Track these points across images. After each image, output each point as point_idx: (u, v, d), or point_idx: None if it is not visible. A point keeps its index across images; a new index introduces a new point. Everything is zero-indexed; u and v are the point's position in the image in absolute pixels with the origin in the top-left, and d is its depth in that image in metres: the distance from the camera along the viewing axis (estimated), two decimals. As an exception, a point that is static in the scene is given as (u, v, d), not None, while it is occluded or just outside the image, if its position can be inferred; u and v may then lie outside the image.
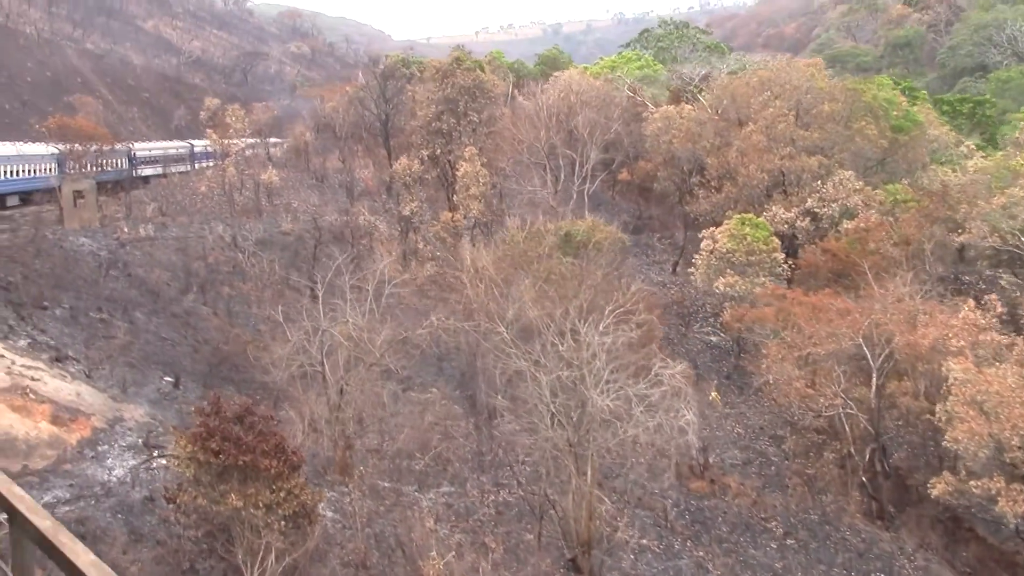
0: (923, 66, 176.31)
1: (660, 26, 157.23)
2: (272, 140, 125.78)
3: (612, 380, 40.00)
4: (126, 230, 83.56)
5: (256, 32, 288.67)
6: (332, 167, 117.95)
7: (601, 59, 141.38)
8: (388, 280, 59.29)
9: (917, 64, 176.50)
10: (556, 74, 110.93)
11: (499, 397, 52.11)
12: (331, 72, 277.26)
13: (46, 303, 65.33)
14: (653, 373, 40.10)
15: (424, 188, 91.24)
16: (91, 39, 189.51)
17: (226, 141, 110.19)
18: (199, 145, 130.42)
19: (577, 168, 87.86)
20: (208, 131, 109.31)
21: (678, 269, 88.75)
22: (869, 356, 51.23)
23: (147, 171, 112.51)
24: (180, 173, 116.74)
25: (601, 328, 41.44)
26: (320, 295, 56.43)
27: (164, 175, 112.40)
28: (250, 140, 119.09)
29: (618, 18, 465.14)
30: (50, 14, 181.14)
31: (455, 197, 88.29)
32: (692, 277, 75.42)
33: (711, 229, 71.82)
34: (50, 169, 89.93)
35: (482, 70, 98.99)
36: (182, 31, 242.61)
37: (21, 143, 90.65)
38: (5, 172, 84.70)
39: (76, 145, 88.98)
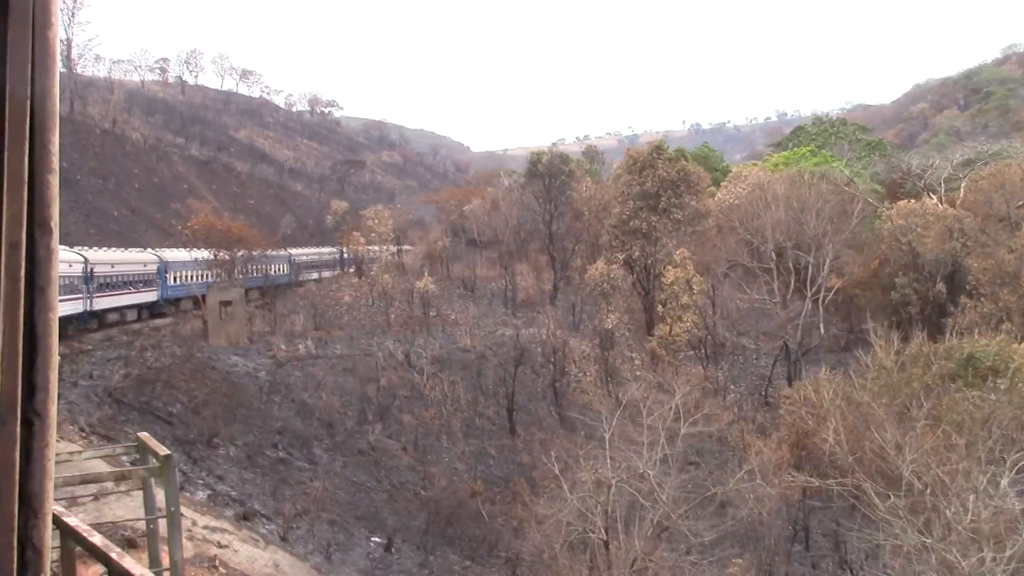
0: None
1: (813, 124, 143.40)
2: (400, 247, 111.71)
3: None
4: (283, 347, 69.01)
5: (345, 142, 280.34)
6: (481, 275, 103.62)
7: (770, 156, 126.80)
8: (681, 415, 43.92)
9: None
10: (737, 170, 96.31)
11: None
12: (423, 181, 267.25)
13: (216, 439, 50.51)
14: None
15: (619, 296, 76.06)
16: (193, 146, 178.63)
17: (370, 248, 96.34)
18: (328, 251, 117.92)
19: (810, 273, 72.25)
20: (355, 235, 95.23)
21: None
22: None
23: (305, 276, 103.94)
24: (313, 281, 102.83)
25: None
26: (608, 436, 40.91)
27: (319, 280, 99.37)
28: (374, 247, 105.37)
29: (694, 128, 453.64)
30: (148, 123, 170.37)
31: (660, 307, 73.09)
32: None
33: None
34: (203, 276, 77.31)
35: (686, 159, 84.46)
36: (274, 141, 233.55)
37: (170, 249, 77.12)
38: (180, 278, 76.53)
39: (226, 251, 75.22)
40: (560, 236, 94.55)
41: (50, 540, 1.55)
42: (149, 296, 74.06)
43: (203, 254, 78.83)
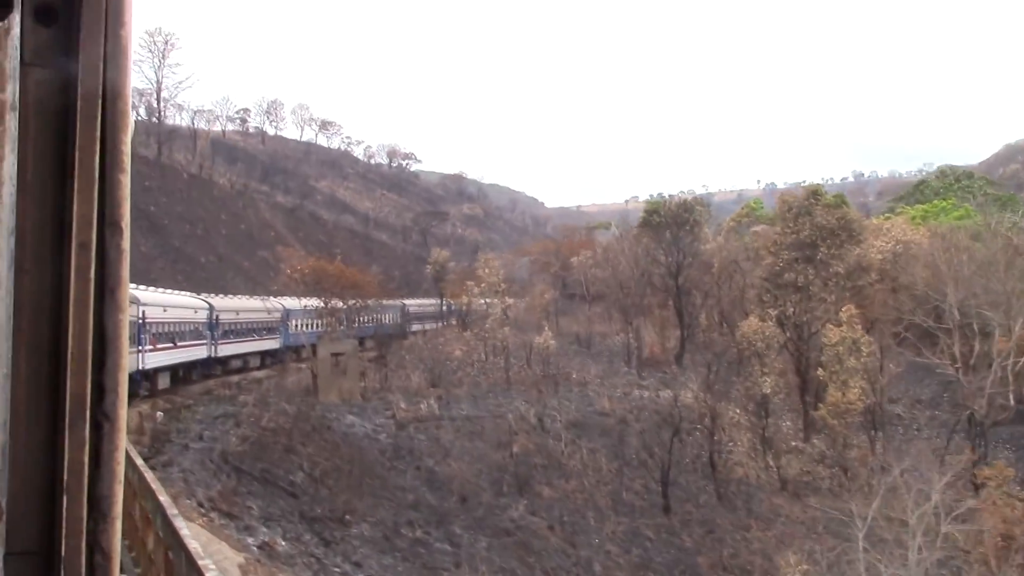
0: None
1: (938, 178, 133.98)
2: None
3: None
4: (404, 407, 60.77)
5: (424, 194, 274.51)
6: (595, 331, 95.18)
7: (904, 209, 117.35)
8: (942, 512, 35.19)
9: None
10: (877, 223, 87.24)
11: None
12: (503, 234, 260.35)
13: (348, 516, 42.06)
14: None
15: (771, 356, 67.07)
16: (278, 194, 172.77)
17: (479, 300, 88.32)
18: (430, 302, 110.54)
19: (996, 335, 62.88)
20: (468, 284, 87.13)
21: None
22: None
23: (416, 327, 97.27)
24: (415, 333, 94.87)
25: None
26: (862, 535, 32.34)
27: (425, 331, 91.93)
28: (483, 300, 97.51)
29: (769, 187, 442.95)
30: (232, 171, 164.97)
31: (820, 371, 64.06)
32: None
33: None
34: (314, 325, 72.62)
35: (846, 205, 75.59)
36: (354, 192, 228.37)
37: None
38: (300, 326, 71.87)
39: (338, 299, 67.57)
40: (686, 290, 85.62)
41: (119, 545, 1.62)
42: (272, 344, 70.07)
43: (312, 302, 71.27)
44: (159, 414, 47.91)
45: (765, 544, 54.55)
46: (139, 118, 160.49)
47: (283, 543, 37.63)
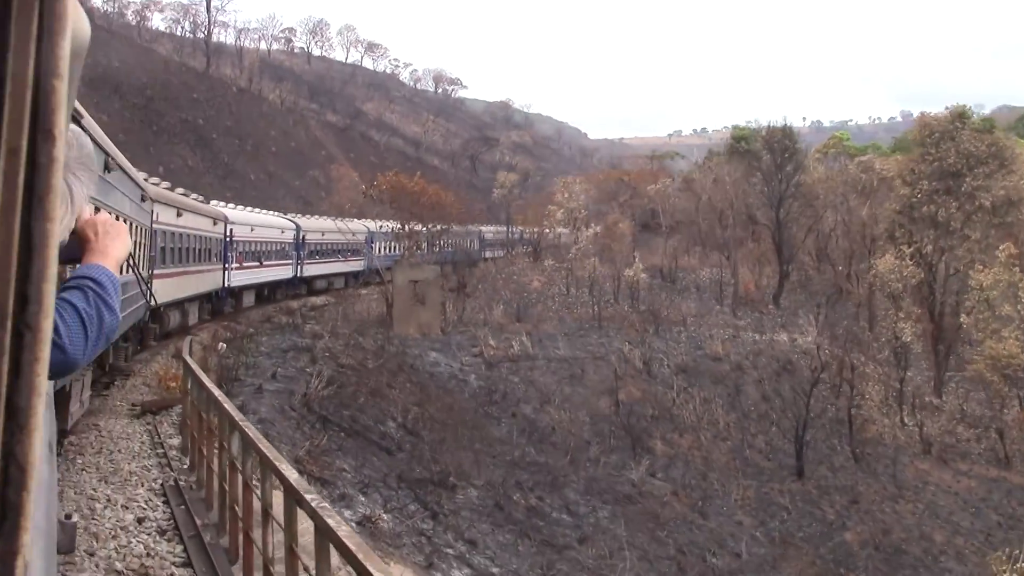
0: None
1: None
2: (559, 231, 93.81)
3: None
4: (492, 343, 52.30)
5: (471, 121, 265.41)
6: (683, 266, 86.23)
7: None
8: None
9: None
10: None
11: None
12: (553, 164, 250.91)
13: (451, 478, 33.59)
14: None
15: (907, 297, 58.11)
16: (328, 113, 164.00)
17: (558, 228, 79.65)
18: (497, 229, 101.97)
19: None
20: (551, 209, 78.35)
21: None
22: None
23: (488, 255, 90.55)
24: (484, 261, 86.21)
25: None
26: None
27: (495, 259, 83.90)
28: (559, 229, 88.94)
29: (815, 125, 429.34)
30: (279, 89, 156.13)
31: (964, 317, 55.14)
32: None
33: None
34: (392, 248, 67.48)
35: (996, 129, 65.93)
36: (400, 115, 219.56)
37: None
38: (384, 249, 68.65)
39: (417, 221, 59.26)
40: (787, 224, 76.50)
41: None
42: (356, 266, 67.78)
43: (387, 224, 66.96)
44: (221, 345, 39.45)
45: (919, 518, 46.09)
46: (186, 34, 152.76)
47: (386, 518, 29.35)
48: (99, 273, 2.56)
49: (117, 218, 9.60)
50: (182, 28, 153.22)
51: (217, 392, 15.42)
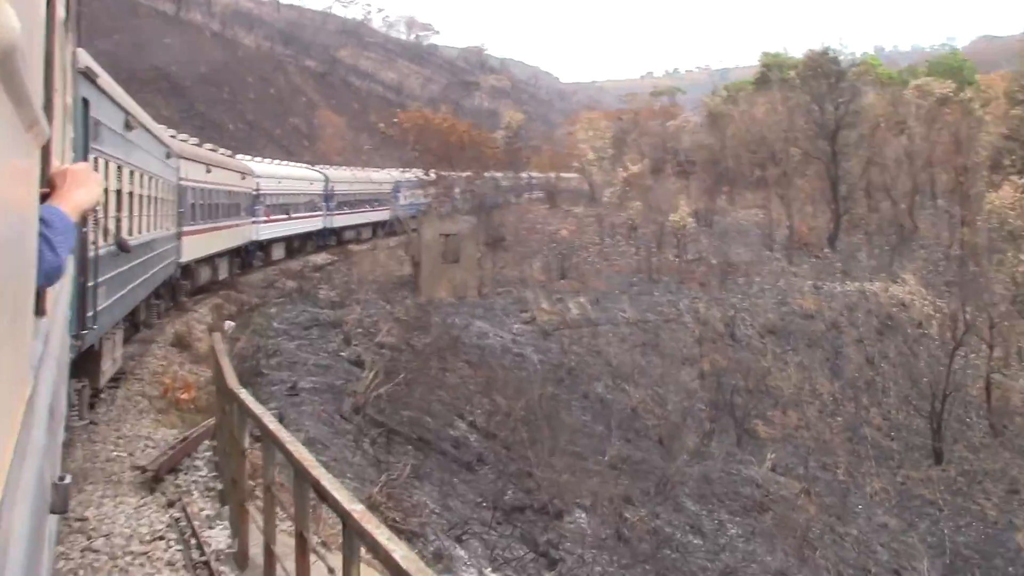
0: None
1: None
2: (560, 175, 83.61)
3: None
4: (545, 307, 42.47)
5: (446, 66, 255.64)
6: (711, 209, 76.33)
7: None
8: None
9: None
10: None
11: None
12: (533, 108, 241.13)
13: (554, 500, 23.39)
14: None
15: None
16: (306, 59, 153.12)
17: (590, 170, 69.65)
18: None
19: None
20: (582, 148, 68.33)
21: None
22: None
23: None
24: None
25: None
26: None
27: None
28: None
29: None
30: (251, 35, 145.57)
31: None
32: None
33: None
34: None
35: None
36: (375, 62, 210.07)
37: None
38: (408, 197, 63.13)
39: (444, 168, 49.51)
40: (846, 157, 66.85)
41: None
42: (383, 215, 64.04)
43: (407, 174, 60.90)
44: (228, 324, 29.47)
45: None
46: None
47: (497, 579, 19.80)
48: (50, 214, 2.52)
49: (142, 176, 19.54)
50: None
51: (298, 452, 7.60)
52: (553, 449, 30.38)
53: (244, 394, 10.59)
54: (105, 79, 15.16)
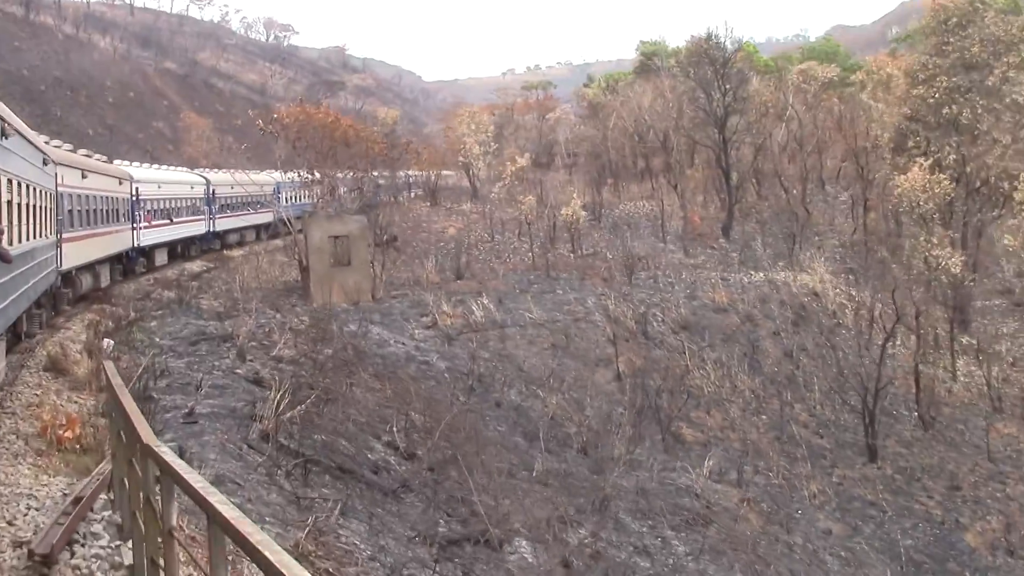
0: None
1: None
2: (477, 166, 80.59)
3: None
4: (446, 310, 39.47)
5: (308, 67, 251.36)
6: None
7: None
8: None
9: None
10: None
11: None
12: (398, 107, 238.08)
13: (491, 528, 20.13)
14: None
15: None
16: (166, 61, 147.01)
17: (477, 165, 66.58)
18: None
19: None
20: (465, 142, 65.09)
21: None
22: None
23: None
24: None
25: None
26: None
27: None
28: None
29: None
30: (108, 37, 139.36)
31: (1009, 240, 44.44)
32: None
33: None
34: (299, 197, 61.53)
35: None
36: (235, 64, 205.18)
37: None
38: (290, 198, 62.27)
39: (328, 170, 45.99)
40: (735, 145, 65.19)
41: None
42: (267, 217, 62.80)
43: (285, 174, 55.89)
44: (107, 342, 25.35)
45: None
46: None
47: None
48: None
49: (19, 184, 18.07)
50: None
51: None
52: (480, 468, 27.18)
53: (170, 455, 7.25)
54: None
